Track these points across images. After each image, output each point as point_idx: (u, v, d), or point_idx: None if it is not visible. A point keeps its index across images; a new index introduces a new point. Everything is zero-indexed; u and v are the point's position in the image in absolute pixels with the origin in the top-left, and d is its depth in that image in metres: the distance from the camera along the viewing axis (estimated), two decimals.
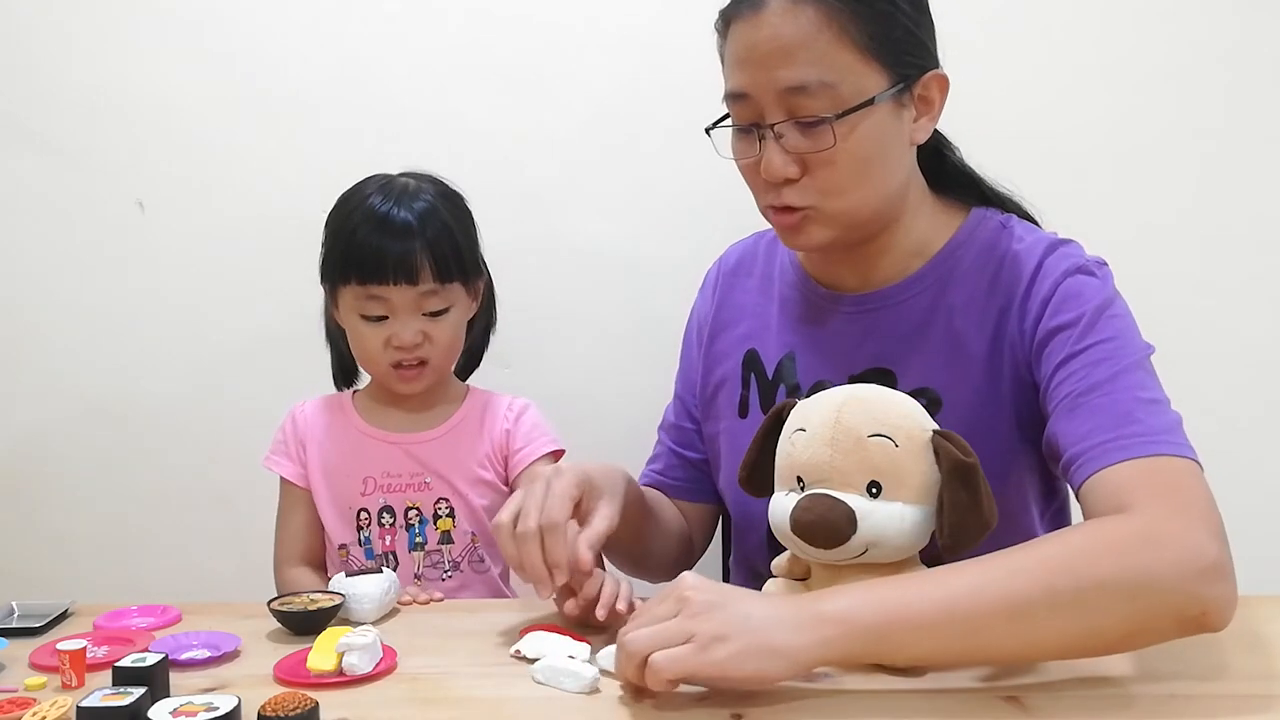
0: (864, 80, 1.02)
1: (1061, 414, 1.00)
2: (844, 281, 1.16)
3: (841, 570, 0.93)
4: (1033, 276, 1.07)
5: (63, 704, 0.80)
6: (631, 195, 1.62)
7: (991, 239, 1.12)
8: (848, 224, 1.08)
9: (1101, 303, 1.04)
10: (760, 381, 1.20)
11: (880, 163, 1.06)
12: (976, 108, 1.53)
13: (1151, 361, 1.04)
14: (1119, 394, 0.98)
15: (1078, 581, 0.81)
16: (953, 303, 1.10)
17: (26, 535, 1.67)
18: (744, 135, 1.07)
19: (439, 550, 1.31)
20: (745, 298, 1.26)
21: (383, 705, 0.85)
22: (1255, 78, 1.55)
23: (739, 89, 1.05)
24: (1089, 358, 1.01)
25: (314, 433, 1.35)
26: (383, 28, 1.61)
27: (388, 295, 1.25)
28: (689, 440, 1.30)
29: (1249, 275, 1.57)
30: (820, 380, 1.14)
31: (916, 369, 1.10)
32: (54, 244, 1.65)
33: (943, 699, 0.82)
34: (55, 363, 1.66)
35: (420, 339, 1.27)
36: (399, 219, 1.25)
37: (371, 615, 1.06)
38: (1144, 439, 0.94)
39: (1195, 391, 1.56)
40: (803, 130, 1.02)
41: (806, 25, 1.00)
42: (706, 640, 0.79)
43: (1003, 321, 1.08)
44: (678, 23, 1.58)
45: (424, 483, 1.31)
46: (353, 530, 1.31)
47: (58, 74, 1.63)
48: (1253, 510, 1.58)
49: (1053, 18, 1.56)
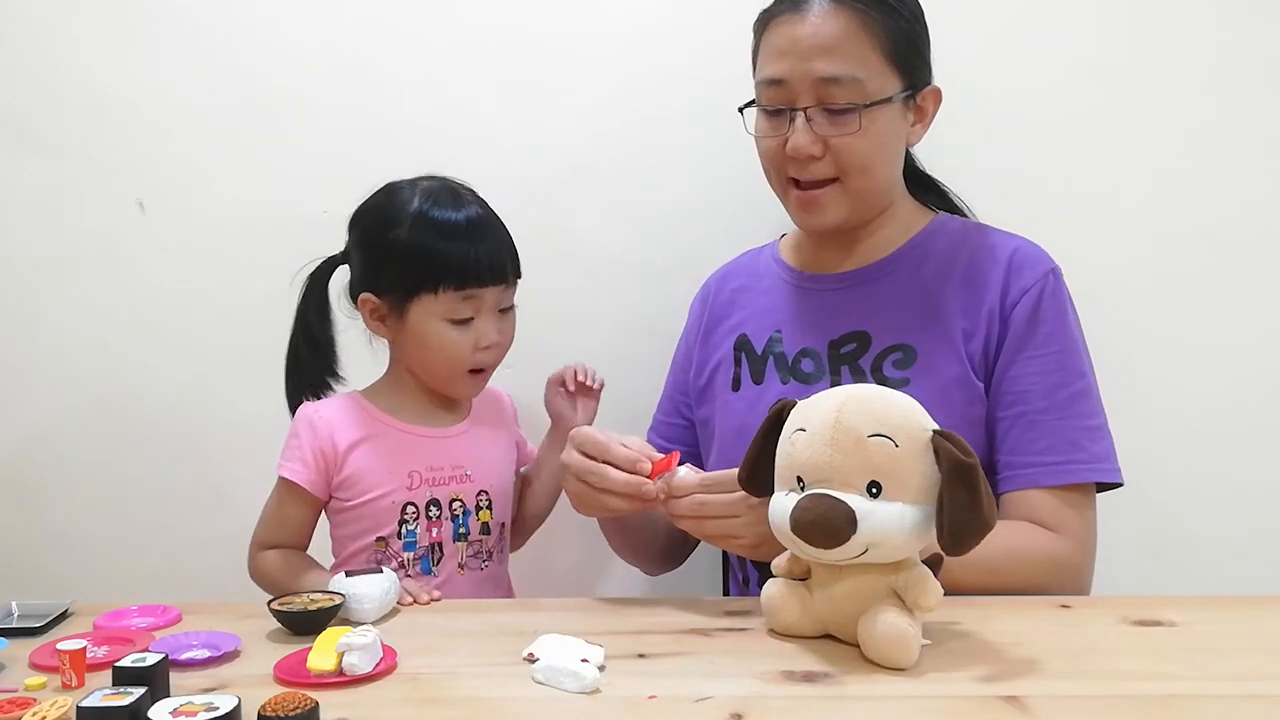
0: (885, 81, 1.19)
1: (1014, 423, 1.19)
2: (829, 264, 1.31)
3: (842, 570, 0.93)
4: (1006, 267, 1.22)
5: (63, 704, 0.80)
6: (632, 196, 1.62)
7: (961, 231, 1.30)
8: (860, 203, 1.23)
9: (1065, 312, 1.22)
10: (750, 358, 1.33)
11: (888, 154, 1.24)
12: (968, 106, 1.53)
13: (1093, 371, 1.22)
14: (1069, 419, 1.18)
15: (1014, 563, 1.11)
16: (925, 276, 1.26)
17: (27, 535, 1.67)
18: (774, 117, 1.22)
19: (479, 540, 1.34)
20: (735, 297, 1.39)
21: (383, 705, 0.85)
22: (1246, 76, 1.56)
23: (777, 75, 1.20)
24: (1048, 365, 1.19)
25: (345, 433, 1.31)
26: (383, 28, 1.61)
27: (482, 296, 1.28)
28: (678, 435, 1.41)
29: (1246, 274, 1.57)
30: (805, 348, 1.28)
31: (891, 329, 1.24)
32: (54, 244, 1.64)
33: (943, 700, 0.82)
34: (54, 363, 1.66)
35: (500, 337, 1.32)
36: (471, 221, 1.28)
37: (372, 615, 1.06)
38: (1083, 466, 1.18)
39: (1190, 392, 1.58)
40: (831, 116, 1.18)
41: (844, 26, 1.17)
42: None
43: (976, 297, 1.22)
44: (680, 24, 1.58)
45: (465, 475, 1.33)
46: (394, 524, 1.30)
47: (58, 74, 1.63)
48: (1252, 510, 1.59)
49: (1043, 16, 1.57)
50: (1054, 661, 0.89)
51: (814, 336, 1.28)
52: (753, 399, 1.29)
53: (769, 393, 1.27)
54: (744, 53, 1.28)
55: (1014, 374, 1.20)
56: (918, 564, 0.92)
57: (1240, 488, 1.58)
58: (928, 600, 0.90)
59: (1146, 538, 1.58)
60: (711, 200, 1.59)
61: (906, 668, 0.88)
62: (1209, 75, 1.55)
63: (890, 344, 1.23)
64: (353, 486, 1.31)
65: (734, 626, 1.02)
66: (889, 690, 0.85)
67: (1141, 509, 1.59)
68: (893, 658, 0.88)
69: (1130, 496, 1.58)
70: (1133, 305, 1.58)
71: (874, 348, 1.23)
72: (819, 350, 1.27)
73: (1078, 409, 1.19)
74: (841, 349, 1.25)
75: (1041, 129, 1.56)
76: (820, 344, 1.27)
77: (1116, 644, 0.95)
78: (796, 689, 0.85)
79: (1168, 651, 0.93)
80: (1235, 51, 1.55)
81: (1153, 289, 1.58)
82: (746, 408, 1.29)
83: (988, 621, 1.00)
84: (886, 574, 0.91)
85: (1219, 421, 1.58)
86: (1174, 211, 1.57)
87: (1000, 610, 1.04)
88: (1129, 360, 1.57)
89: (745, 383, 1.31)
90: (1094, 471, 1.18)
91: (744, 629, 1.01)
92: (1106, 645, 0.95)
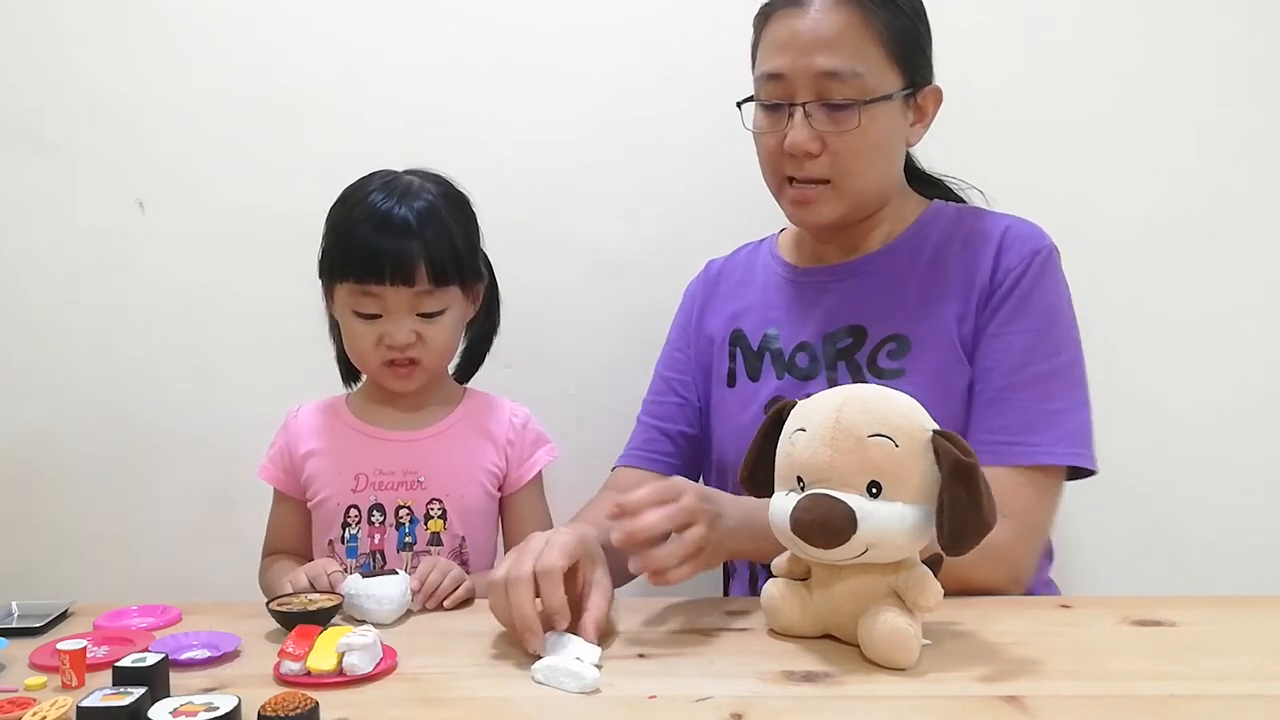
0: (885, 77, 1.18)
1: (976, 399, 1.17)
2: (825, 258, 1.30)
3: (842, 570, 0.93)
4: (997, 246, 1.20)
5: (63, 704, 0.80)
6: (633, 196, 1.62)
7: (955, 216, 1.28)
8: (855, 203, 1.22)
9: (1048, 293, 1.18)
10: (746, 354, 1.32)
11: (887, 152, 1.23)
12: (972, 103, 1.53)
13: (1076, 355, 1.19)
14: (1027, 400, 1.14)
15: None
16: (919, 265, 1.24)
17: (27, 535, 1.67)
18: (772, 112, 1.21)
19: (427, 551, 1.29)
20: (729, 289, 1.39)
21: (383, 705, 0.85)
22: (1247, 73, 1.56)
23: (776, 70, 1.18)
24: (1016, 343, 1.16)
25: (306, 434, 1.34)
26: (383, 28, 1.61)
27: (382, 294, 1.24)
28: (668, 413, 1.39)
29: (1247, 276, 1.57)
30: (800, 343, 1.27)
31: (886, 321, 1.23)
32: (54, 244, 1.64)
33: (943, 700, 0.82)
34: (54, 363, 1.66)
35: (413, 339, 1.26)
36: (398, 217, 1.23)
37: (391, 617, 1.06)
38: (1028, 449, 1.13)
39: (1192, 390, 1.58)
40: (830, 112, 1.17)
41: (845, 21, 1.16)
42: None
43: (967, 279, 1.20)
44: (680, 24, 1.58)
45: (417, 481, 1.30)
46: (339, 527, 1.30)
47: (58, 74, 1.63)
48: (1252, 511, 1.59)
49: (1053, 19, 1.57)
50: (1054, 661, 0.89)
51: (810, 332, 1.27)
52: (748, 395, 1.29)
53: (764, 389, 1.27)
54: (743, 52, 1.27)
55: (984, 350, 1.18)
56: (918, 564, 0.92)
57: (1240, 488, 1.58)
58: (928, 600, 0.90)
59: (1146, 538, 1.59)
60: (711, 199, 1.59)
61: (906, 668, 0.88)
62: (1219, 77, 1.56)
63: (885, 335, 1.22)
64: (309, 487, 1.32)
65: (734, 626, 1.02)
66: (889, 690, 0.85)
67: (1141, 509, 1.59)
68: (893, 658, 0.88)
69: (1130, 496, 1.59)
70: (1135, 306, 1.58)
71: (870, 341, 1.23)
72: (814, 345, 1.26)
73: (1040, 390, 1.15)
74: (838, 344, 1.25)
75: (1052, 131, 1.57)
76: (816, 339, 1.26)
77: (1116, 644, 0.95)
78: (796, 689, 0.85)
79: (1168, 651, 0.93)
80: (1246, 54, 1.55)
81: (1152, 290, 1.58)
82: (741, 405, 1.29)
83: (988, 621, 1.00)
84: (886, 574, 0.91)
85: (1220, 422, 1.58)
86: (1181, 214, 1.57)
87: (1000, 610, 1.04)
88: (1132, 360, 1.58)
89: (741, 379, 1.31)
90: (1041, 455, 1.13)
91: (744, 629, 1.01)
92: (1106, 645, 0.95)
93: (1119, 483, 1.58)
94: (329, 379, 1.42)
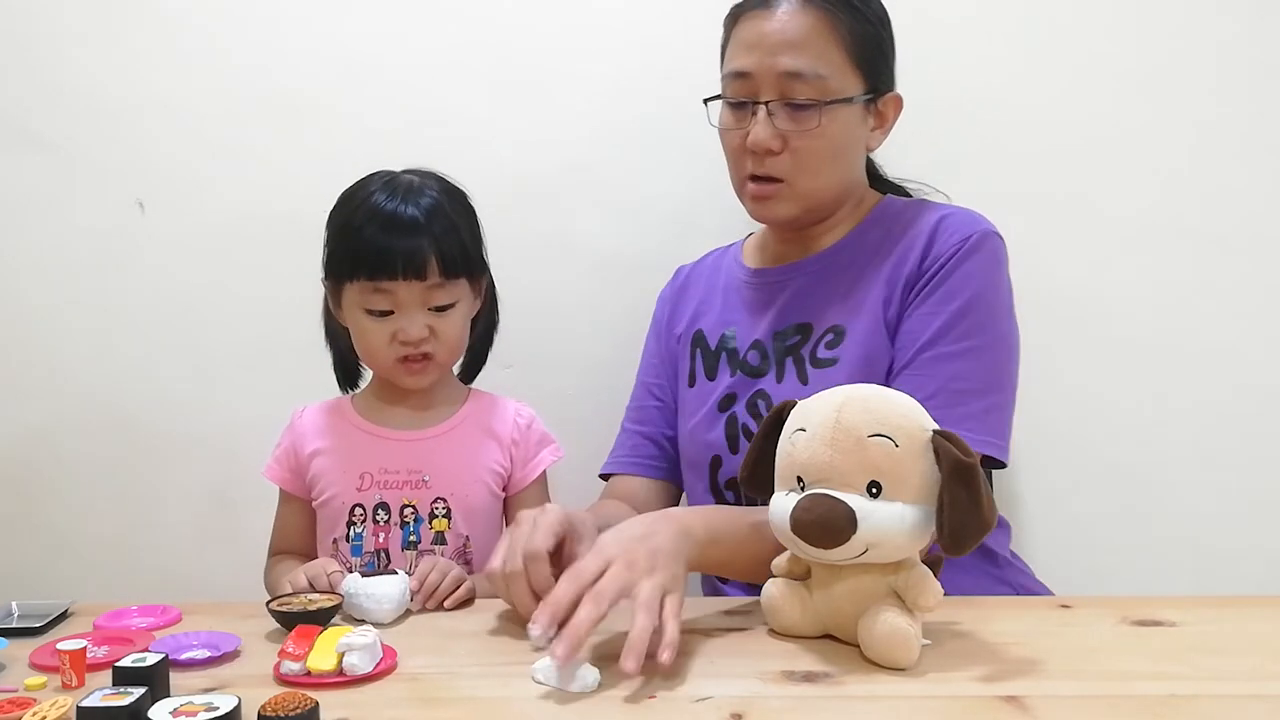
0: (847, 81, 1.21)
1: (891, 378, 1.17)
2: (786, 257, 1.33)
3: (841, 570, 0.93)
4: (931, 233, 1.21)
5: (63, 704, 0.80)
6: (632, 196, 1.62)
7: (901, 209, 1.30)
8: (811, 204, 1.26)
9: (974, 277, 1.17)
10: (705, 354, 1.36)
11: (845, 155, 1.26)
12: (971, 103, 1.54)
13: (998, 342, 1.17)
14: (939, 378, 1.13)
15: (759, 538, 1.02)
16: (862, 259, 1.26)
17: (27, 535, 1.67)
18: (737, 110, 1.24)
19: (431, 550, 1.30)
20: (695, 294, 1.43)
21: (383, 705, 0.85)
22: (1247, 73, 1.56)
23: (742, 69, 1.22)
24: (922, 324, 1.17)
25: (311, 433, 1.34)
26: (383, 27, 1.61)
27: (394, 290, 1.25)
28: (649, 417, 1.43)
29: (1245, 278, 1.57)
30: (754, 340, 1.30)
31: (828, 315, 1.25)
32: (54, 244, 1.64)
33: (943, 700, 0.82)
34: (54, 363, 1.66)
35: (426, 333, 1.27)
36: (406, 215, 1.25)
37: (390, 616, 1.06)
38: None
39: (1192, 389, 1.58)
40: (792, 112, 1.20)
41: (811, 24, 1.20)
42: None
43: (899, 265, 1.21)
44: (679, 24, 1.58)
45: (422, 480, 1.31)
46: (344, 526, 1.30)
47: (58, 74, 1.63)
48: (1252, 511, 1.59)
49: (1046, 12, 1.57)
50: (1054, 661, 0.89)
51: (762, 330, 1.30)
52: (705, 394, 1.33)
53: (719, 387, 1.31)
54: None
55: (901, 329, 1.19)
56: (917, 564, 0.92)
57: (1241, 488, 1.58)
58: (928, 600, 0.90)
59: (1146, 538, 1.58)
60: (711, 199, 1.59)
61: (906, 668, 0.88)
62: (1218, 77, 1.56)
63: (826, 328, 1.25)
64: (314, 487, 1.33)
65: (734, 626, 1.02)
66: (889, 690, 0.85)
67: (1142, 509, 1.59)
68: (893, 658, 0.88)
69: (1130, 497, 1.59)
70: (1135, 306, 1.58)
71: (814, 335, 1.25)
72: (765, 343, 1.29)
73: (948, 368, 1.14)
74: (787, 341, 1.27)
75: (1051, 132, 1.57)
76: (767, 337, 1.29)
77: (1116, 644, 0.95)
78: (796, 689, 0.85)
79: (1167, 651, 0.93)
80: (1246, 54, 1.55)
81: (1152, 290, 1.58)
82: (698, 404, 1.33)
83: (988, 621, 1.00)
84: (886, 574, 0.91)
85: (1220, 421, 1.58)
86: (1180, 214, 1.57)
87: (1000, 610, 1.04)
88: (1131, 360, 1.58)
89: (700, 379, 1.35)
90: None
91: (744, 629, 1.01)
92: (1106, 645, 0.95)
93: (1119, 483, 1.59)
94: (329, 379, 1.43)
